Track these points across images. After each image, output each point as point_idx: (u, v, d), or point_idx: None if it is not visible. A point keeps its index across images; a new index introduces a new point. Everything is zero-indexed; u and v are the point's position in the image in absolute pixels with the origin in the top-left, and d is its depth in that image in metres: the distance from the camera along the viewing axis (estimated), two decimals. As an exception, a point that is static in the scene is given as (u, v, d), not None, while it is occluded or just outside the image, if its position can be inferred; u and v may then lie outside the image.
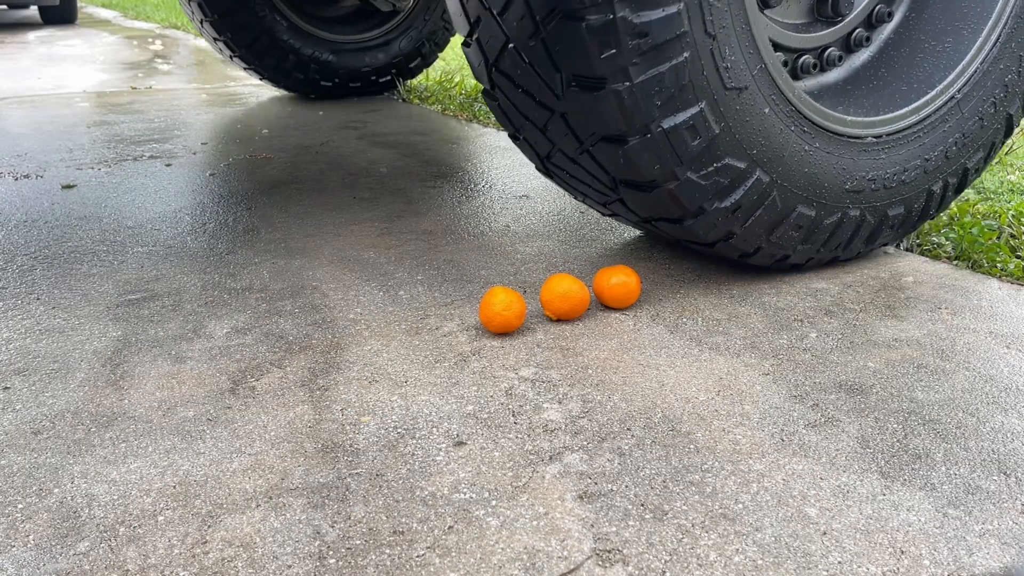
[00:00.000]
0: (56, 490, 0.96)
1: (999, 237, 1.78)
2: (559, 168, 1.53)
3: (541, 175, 2.12)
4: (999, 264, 1.64)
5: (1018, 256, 1.70)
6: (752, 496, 0.94)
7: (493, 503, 0.93)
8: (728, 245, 1.48)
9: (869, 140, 1.49)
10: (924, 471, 0.99)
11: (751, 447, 1.04)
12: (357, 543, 0.87)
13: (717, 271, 1.62)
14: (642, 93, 1.26)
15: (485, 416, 1.11)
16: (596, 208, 1.62)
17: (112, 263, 1.70)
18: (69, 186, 2.30)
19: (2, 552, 0.86)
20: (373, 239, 1.86)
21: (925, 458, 1.02)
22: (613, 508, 0.92)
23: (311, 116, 3.48)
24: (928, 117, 1.55)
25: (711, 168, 1.35)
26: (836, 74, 1.60)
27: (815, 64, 1.55)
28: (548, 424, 1.09)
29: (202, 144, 2.90)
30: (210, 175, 2.45)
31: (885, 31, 1.63)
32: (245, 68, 3.76)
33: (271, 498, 0.94)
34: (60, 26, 8.71)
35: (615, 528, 0.89)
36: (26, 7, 9.36)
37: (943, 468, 1.00)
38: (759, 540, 0.87)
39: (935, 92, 1.54)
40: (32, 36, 7.53)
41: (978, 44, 1.55)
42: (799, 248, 1.52)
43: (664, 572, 0.82)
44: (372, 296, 1.53)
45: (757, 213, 1.42)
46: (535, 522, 0.90)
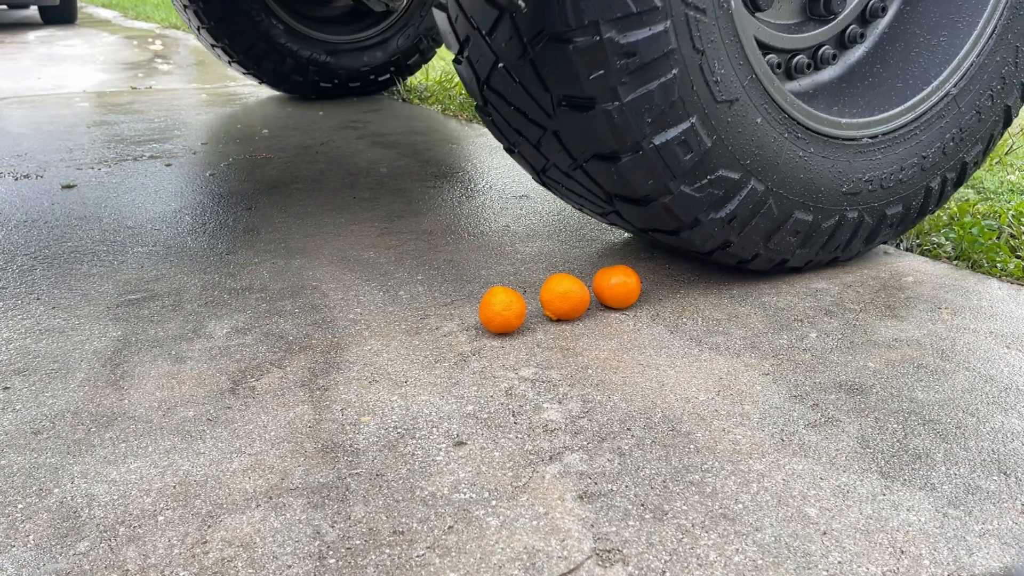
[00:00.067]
0: (56, 490, 0.96)
1: (999, 237, 1.78)
2: (555, 181, 1.53)
3: (538, 182, 2.12)
4: (999, 264, 1.64)
5: (1018, 256, 1.70)
6: (752, 496, 0.94)
7: (493, 503, 0.93)
8: (726, 253, 1.48)
9: (865, 141, 1.48)
10: (924, 471, 0.99)
11: (751, 447, 1.04)
12: (357, 543, 0.87)
13: (717, 271, 1.62)
14: (632, 112, 1.26)
15: (485, 416, 1.11)
16: (595, 217, 1.62)
17: (112, 263, 1.70)
18: (69, 186, 2.30)
19: (2, 552, 0.86)
20: (373, 239, 1.86)
21: (925, 458, 1.02)
22: (613, 508, 0.92)
23: (311, 116, 3.48)
24: (924, 114, 1.54)
25: (705, 181, 1.34)
26: (831, 72, 1.59)
27: (809, 64, 1.54)
28: (548, 424, 1.09)
29: (202, 144, 2.90)
30: (210, 175, 2.45)
31: (879, 26, 1.62)
32: (244, 73, 3.77)
33: (271, 498, 0.94)
34: (60, 26, 8.71)
35: (615, 528, 0.89)
36: (26, 7, 9.36)
37: (943, 468, 1.00)
38: (759, 540, 0.87)
39: (931, 88, 1.53)
40: (32, 36, 7.53)
41: (974, 37, 1.53)
42: (797, 252, 1.52)
43: (664, 572, 0.82)
44: (372, 296, 1.53)
45: (753, 221, 1.42)
46: (535, 522, 0.90)
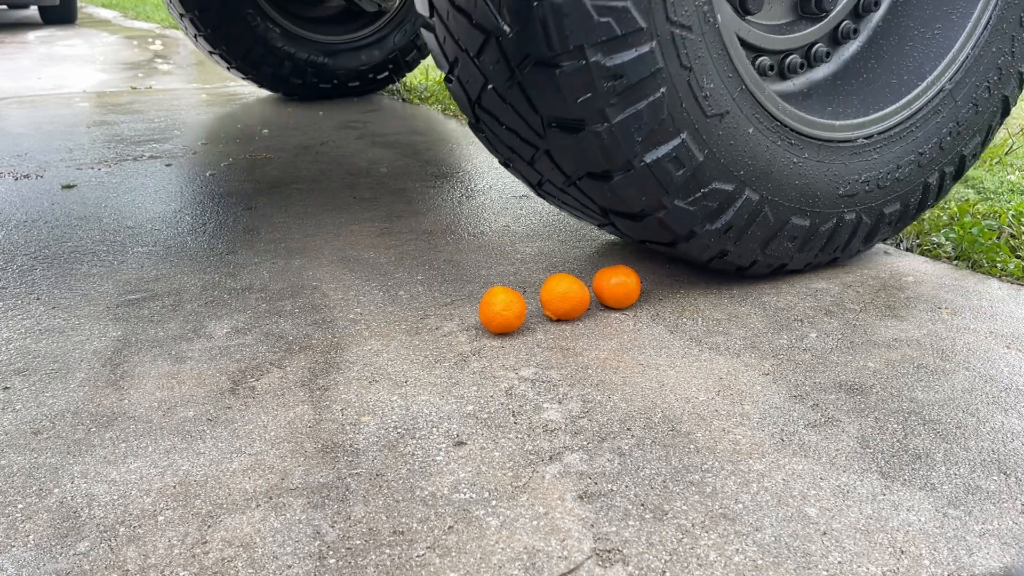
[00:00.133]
0: (56, 490, 0.96)
1: (999, 237, 1.78)
2: (551, 195, 1.53)
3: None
4: (999, 264, 1.64)
5: (1018, 256, 1.70)
6: (752, 496, 0.94)
7: (493, 503, 0.93)
8: (723, 261, 1.48)
9: (860, 142, 1.47)
10: (924, 471, 0.99)
11: (751, 447, 1.04)
12: (357, 543, 0.87)
13: (717, 272, 1.62)
14: (621, 132, 1.25)
15: (485, 416, 1.11)
16: (594, 225, 1.63)
17: (112, 263, 1.70)
18: (69, 186, 2.30)
19: (2, 552, 0.86)
20: (373, 239, 1.86)
21: (925, 458, 1.02)
22: (613, 508, 0.92)
23: (311, 116, 3.48)
24: (920, 110, 1.52)
25: (698, 194, 1.34)
26: (825, 70, 1.57)
27: (802, 64, 1.52)
28: (548, 424, 1.09)
29: (202, 144, 2.90)
30: (210, 175, 2.45)
31: (873, 20, 1.60)
32: (243, 78, 3.78)
33: (271, 498, 0.94)
34: (60, 26, 8.71)
35: (615, 528, 0.89)
36: (26, 7, 9.36)
37: (943, 468, 1.00)
38: (759, 540, 0.87)
39: (926, 83, 1.51)
40: (32, 36, 7.53)
41: (968, 28, 1.51)
42: (796, 256, 1.52)
43: (664, 572, 0.82)
44: (372, 296, 1.53)
45: (749, 230, 1.41)
46: (535, 522, 0.90)
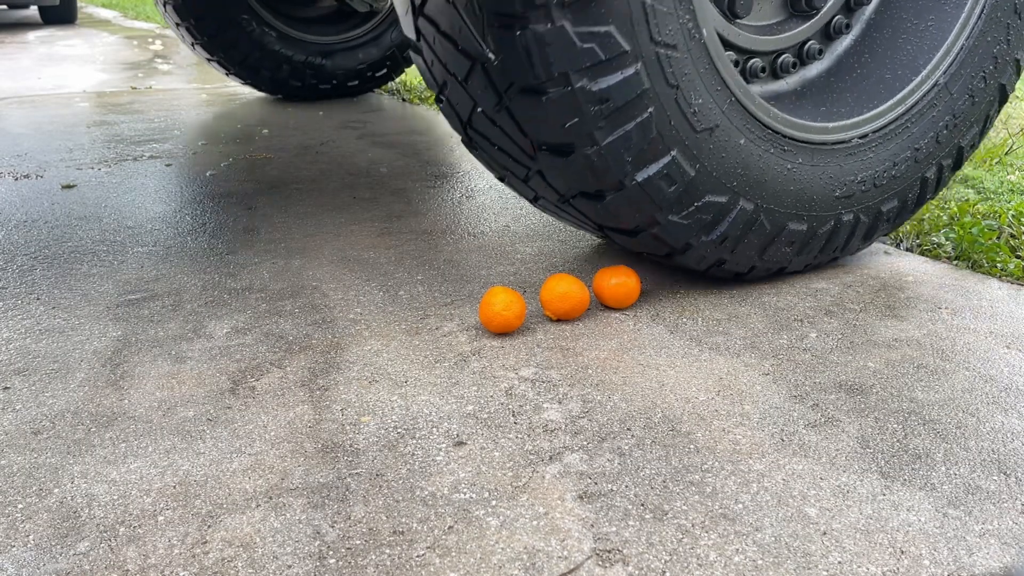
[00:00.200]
0: (56, 490, 0.96)
1: (999, 237, 1.78)
2: (547, 209, 1.53)
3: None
4: (999, 264, 1.64)
5: (1018, 256, 1.70)
6: (752, 496, 0.94)
7: (493, 503, 0.93)
8: (721, 270, 1.48)
9: (855, 142, 1.46)
10: (924, 471, 0.99)
11: (751, 447, 1.04)
12: (357, 543, 0.87)
13: (717, 271, 1.62)
14: (611, 153, 1.25)
15: (485, 416, 1.11)
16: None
17: (112, 263, 1.70)
18: (69, 186, 2.30)
19: (2, 552, 0.86)
20: (373, 239, 1.86)
21: (925, 458, 1.02)
22: (613, 508, 0.92)
23: (311, 116, 3.48)
24: (915, 105, 1.50)
25: (692, 208, 1.34)
26: (818, 67, 1.56)
27: (795, 63, 1.51)
28: (548, 424, 1.09)
29: (202, 144, 2.90)
30: (210, 175, 2.45)
31: (865, 13, 1.58)
32: (243, 83, 3.79)
33: (271, 498, 0.94)
34: (60, 26, 8.71)
35: (615, 528, 0.89)
36: (26, 7, 9.36)
37: (943, 468, 1.00)
38: (759, 540, 0.87)
39: (920, 77, 1.49)
40: (32, 36, 7.53)
41: (962, 18, 1.49)
42: (795, 260, 1.51)
43: (664, 572, 0.82)
44: (372, 296, 1.53)
45: (746, 239, 1.41)
46: (535, 522, 0.90)
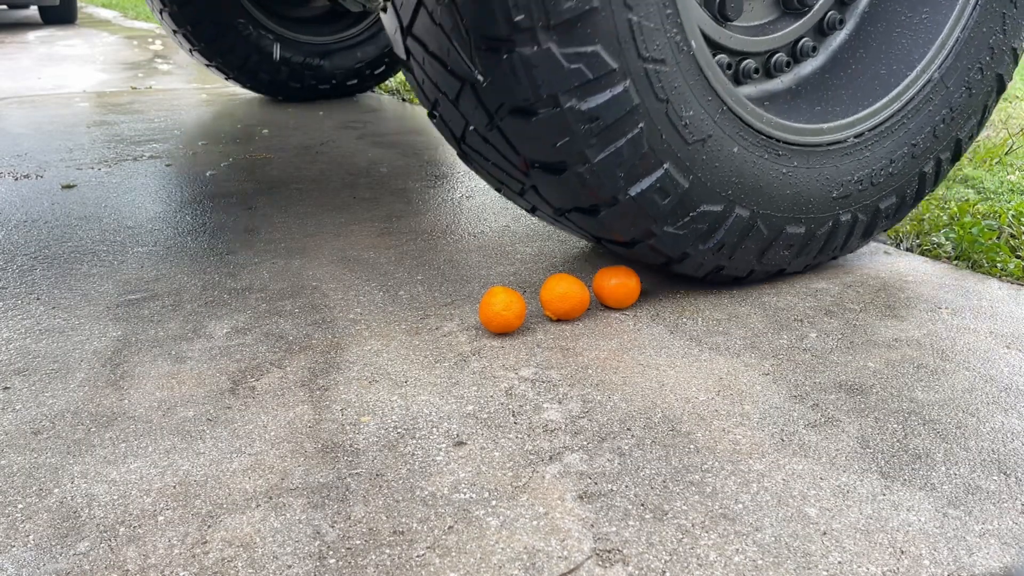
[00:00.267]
0: (56, 490, 0.96)
1: (999, 237, 1.78)
2: (545, 220, 1.53)
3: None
4: (999, 264, 1.64)
5: (1018, 256, 1.70)
6: (752, 496, 0.94)
7: (493, 503, 0.93)
8: (720, 276, 1.48)
9: (851, 141, 1.45)
10: (924, 471, 0.99)
11: (751, 447, 1.04)
12: (357, 543, 0.87)
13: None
14: (603, 170, 1.26)
15: (485, 416, 1.11)
16: None
17: (112, 263, 1.70)
18: (69, 186, 2.30)
19: (2, 552, 0.86)
20: (373, 239, 1.86)
21: (925, 458, 1.02)
22: (613, 508, 0.92)
23: (311, 116, 3.48)
24: (911, 101, 1.48)
25: (687, 218, 1.34)
26: (813, 64, 1.55)
27: (788, 62, 1.50)
28: (548, 424, 1.09)
29: (202, 144, 2.90)
30: (210, 175, 2.45)
31: (859, 6, 1.56)
32: (243, 86, 3.79)
33: (271, 498, 0.94)
34: (60, 26, 8.70)
35: (615, 528, 0.89)
36: (26, 7, 9.35)
37: (943, 468, 1.00)
38: (759, 540, 0.87)
39: (916, 72, 1.47)
40: (32, 36, 7.53)
41: (957, 10, 1.47)
42: (794, 261, 1.51)
43: (664, 572, 0.82)
44: (372, 296, 1.53)
45: (743, 245, 1.41)
46: (535, 522, 0.90)
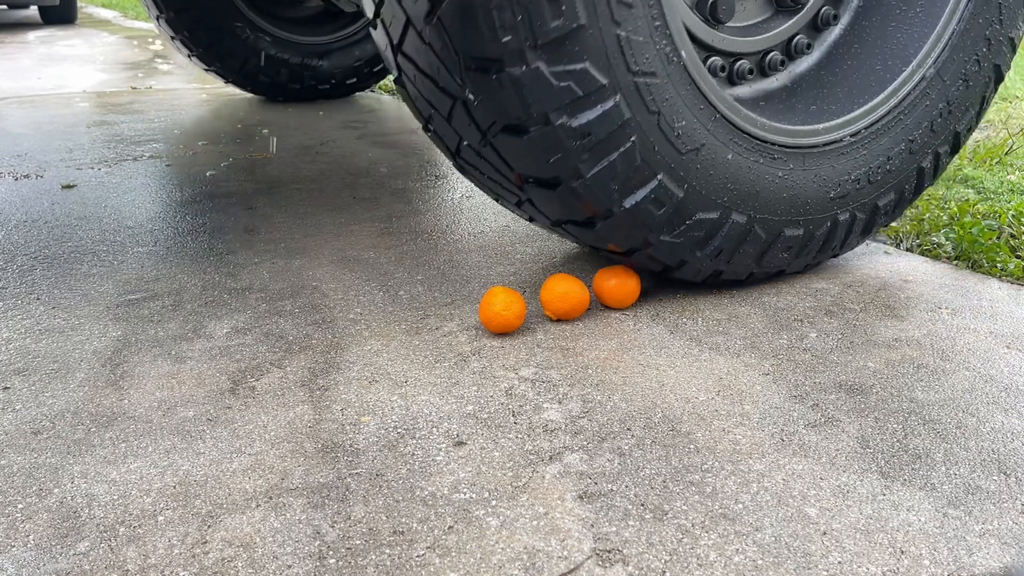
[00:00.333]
0: (56, 490, 0.96)
1: (999, 237, 1.78)
2: (544, 228, 1.53)
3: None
4: (999, 264, 1.64)
5: (1018, 256, 1.70)
6: (752, 496, 0.94)
7: (493, 503, 0.93)
8: (719, 280, 1.48)
9: (847, 141, 1.45)
10: (924, 471, 0.99)
11: (751, 447, 1.04)
12: (357, 543, 0.87)
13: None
14: (597, 184, 1.26)
15: (485, 416, 1.11)
16: None
17: (112, 263, 1.70)
18: (69, 186, 2.30)
19: (2, 552, 0.86)
20: (373, 239, 1.86)
21: (925, 458, 1.02)
22: (613, 508, 0.92)
23: (311, 116, 3.48)
24: (908, 97, 1.47)
25: (683, 227, 1.34)
26: (808, 61, 1.54)
27: (783, 60, 1.50)
28: (548, 424, 1.09)
29: (202, 144, 2.90)
30: (210, 175, 2.45)
31: (854, 1, 1.54)
32: (242, 90, 3.80)
33: (271, 498, 0.94)
34: (60, 26, 8.70)
35: (615, 528, 0.89)
36: (26, 7, 9.35)
37: (943, 468, 1.00)
38: (759, 540, 0.87)
39: (911, 67, 1.46)
40: (32, 36, 7.53)
41: (952, 2, 1.46)
42: (793, 263, 1.51)
43: (664, 572, 0.82)
44: (372, 296, 1.53)
45: (741, 249, 1.41)
46: (535, 522, 0.90)
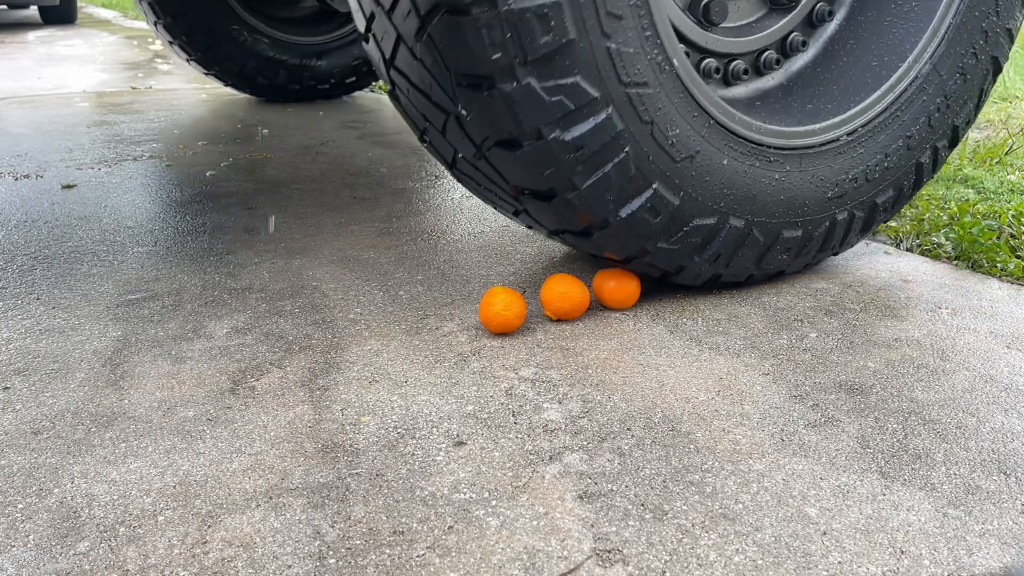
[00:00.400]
0: (56, 490, 0.96)
1: (999, 237, 1.78)
2: (544, 236, 1.53)
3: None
4: (999, 264, 1.64)
5: (1018, 256, 1.70)
6: (752, 496, 0.94)
7: (493, 503, 0.93)
8: (718, 283, 1.48)
9: (844, 140, 1.44)
10: (924, 471, 0.99)
11: (751, 447, 1.04)
12: (357, 543, 0.87)
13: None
14: (592, 195, 1.26)
15: (485, 416, 1.11)
16: None
17: (112, 263, 1.70)
18: (69, 186, 2.30)
19: (2, 552, 0.86)
20: (373, 239, 1.86)
21: (925, 458, 1.02)
22: (613, 508, 0.92)
23: (311, 116, 3.48)
24: (904, 92, 1.46)
25: (680, 234, 1.34)
26: (804, 59, 1.53)
27: (778, 59, 1.49)
28: (548, 424, 1.09)
29: (202, 144, 2.90)
30: (210, 175, 2.45)
31: None
32: (242, 92, 3.80)
33: (271, 498, 0.94)
34: (60, 26, 8.70)
35: (615, 528, 0.89)
36: (26, 7, 9.35)
37: (943, 468, 1.00)
38: (759, 540, 0.87)
39: (908, 63, 1.45)
40: (32, 36, 7.53)
41: None
42: (793, 263, 1.51)
43: (664, 572, 0.82)
44: (372, 296, 1.53)
45: (740, 253, 1.41)
46: (535, 522, 0.90)
